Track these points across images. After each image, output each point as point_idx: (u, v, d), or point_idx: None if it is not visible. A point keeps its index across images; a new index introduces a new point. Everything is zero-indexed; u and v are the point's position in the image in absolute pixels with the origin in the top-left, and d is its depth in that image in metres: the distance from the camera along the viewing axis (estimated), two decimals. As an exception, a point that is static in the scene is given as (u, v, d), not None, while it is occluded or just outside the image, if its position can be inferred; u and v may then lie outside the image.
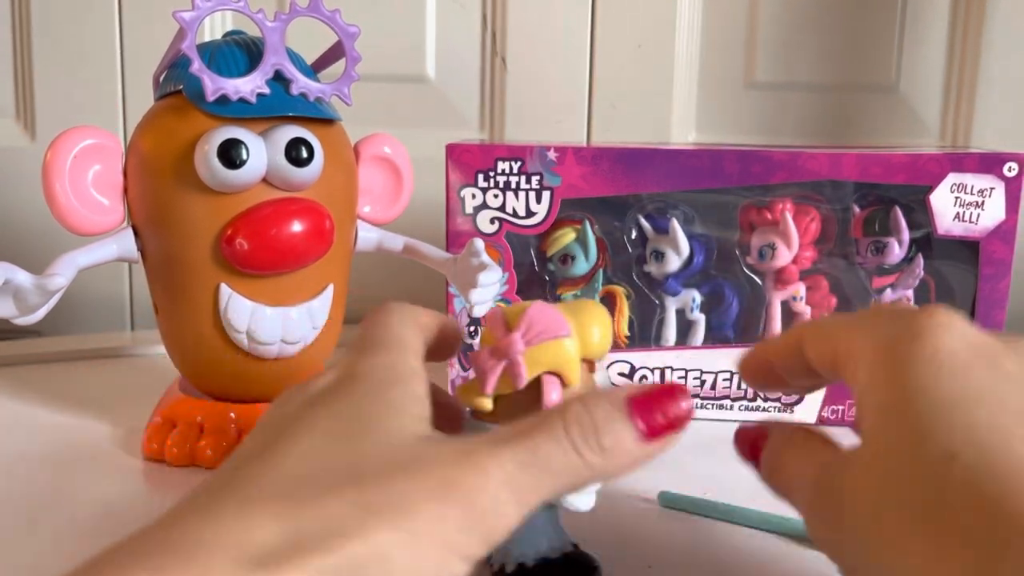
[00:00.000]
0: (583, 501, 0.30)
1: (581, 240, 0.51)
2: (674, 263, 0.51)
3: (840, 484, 0.26)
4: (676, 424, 0.26)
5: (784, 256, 0.51)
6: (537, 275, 0.52)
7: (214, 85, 0.39)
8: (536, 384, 0.29)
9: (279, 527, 0.21)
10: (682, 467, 0.45)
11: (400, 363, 0.27)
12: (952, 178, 0.49)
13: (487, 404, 0.30)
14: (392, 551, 0.22)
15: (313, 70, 0.44)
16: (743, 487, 0.42)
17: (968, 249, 0.50)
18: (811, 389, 0.33)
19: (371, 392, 0.26)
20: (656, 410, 0.25)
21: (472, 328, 0.52)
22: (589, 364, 0.31)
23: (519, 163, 0.50)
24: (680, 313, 0.52)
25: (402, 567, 0.22)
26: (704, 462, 0.46)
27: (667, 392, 0.26)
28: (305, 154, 0.40)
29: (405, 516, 0.22)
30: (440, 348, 0.31)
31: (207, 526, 0.22)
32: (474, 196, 0.50)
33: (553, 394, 0.29)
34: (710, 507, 0.39)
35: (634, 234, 0.52)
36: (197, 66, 0.38)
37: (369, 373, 0.27)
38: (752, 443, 0.30)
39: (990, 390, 0.25)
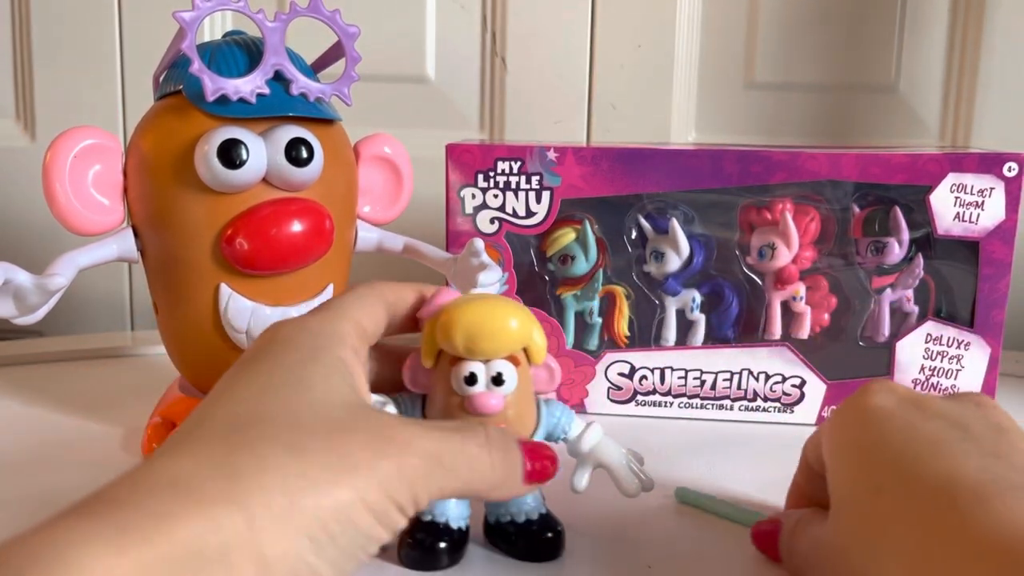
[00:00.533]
0: (582, 484, 0.35)
1: (581, 240, 0.51)
2: (674, 263, 0.51)
3: (819, 546, 0.30)
4: (549, 476, 0.30)
5: (784, 256, 0.51)
6: (537, 275, 0.52)
7: (214, 85, 0.39)
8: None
9: (215, 469, 0.23)
10: (682, 467, 0.45)
11: (328, 329, 0.29)
12: (952, 178, 0.49)
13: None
14: (328, 494, 0.24)
15: (313, 70, 0.44)
16: (744, 487, 0.43)
17: (968, 249, 0.50)
18: None
19: (301, 357, 0.28)
20: (538, 458, 0.30)
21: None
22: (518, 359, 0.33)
23: (519, 163, 0.50)
24: (680, 313, 0.52)
25: (336, 509, 0.24)
26: (704, 462, 0.46)
27: (545, 448, 0.30)
28: (305, 154, 0.40)
29: (342, 462, 0.24)
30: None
31: (153, 474, 0.24)
32: (474, 196, 0.50)
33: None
34: (726, 507, 0.39)
35: (634, 234, 0.52)
36: (197, 66, 0.38)
37: (296, 337, 0.29)
38: (769, 538, 0.34)
39: (912, 427, 0.28)
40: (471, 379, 0.31)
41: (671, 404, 0.52)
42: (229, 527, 0.22)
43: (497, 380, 0.32)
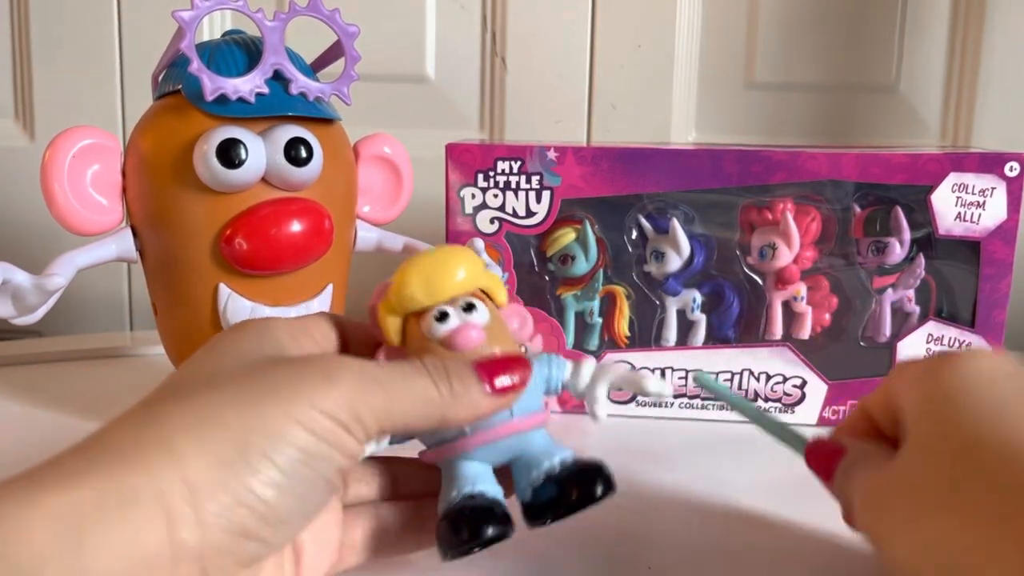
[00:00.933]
0: (602, 408, 0.32)
1: (581, 240, 0.51)
2: (674, 263, 0.51)
3: (882, 482, 0.28)
4: (517, 386, 0.29)
5: (785, 256, 0.51)
6: (537, 275, 0.52)
7: (213, 84, 0.39)
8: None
9: (132, 421, 0.24)
10: (682, 467, 0.45)
11: (263, 319, 0.29)
12: (953, 178, 0.48)
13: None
14: (254, 414, 0.23)
15: (312, 70, 0.44)
16: (744, 488, 0.42)
17: (969, 249, 0.50)
18: None
19: (232, 334, 0.28)
20: (500, 372, 0.28)
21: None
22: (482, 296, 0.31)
23: (519, 163, 0.50)
24: (681, 313, 0.52)
25: (265, 429, 0.23)
26: (705, 462, 0.46)
27: (511, 359, 0.29)
28: (304, 154, 0.40)
29: (264, 386, 0.24)
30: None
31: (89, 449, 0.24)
32: (474, 196, 0.50)
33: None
34: (740, 400, 0.39)
35: (634, 234, 0.52)
36: (196, 66, 0.38)
37: (230, 331, 0.29)
38: (827, 460, 0.32)
39: (1016, 397, 0.27)
40: (442, 317, 0.30)
41: (671, 404, 0.52)
42: (153, 466, 0.22)
43: (468, 309, 0.30)
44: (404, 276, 0.30)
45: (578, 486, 0.30)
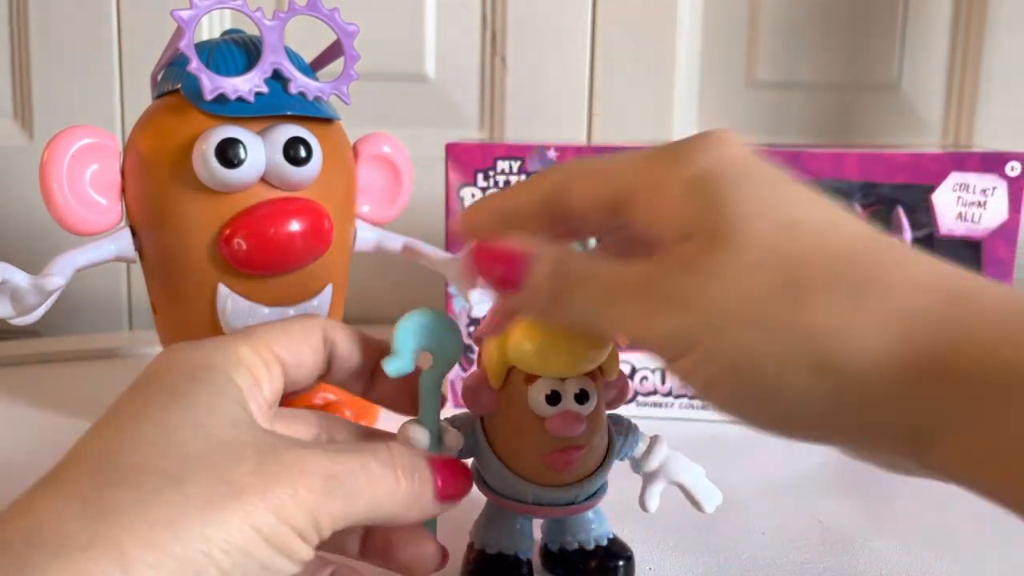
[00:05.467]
0: (653, 504, 0.32)
1: (581, 240, 0.51)
2: (675, 263, 0.51)
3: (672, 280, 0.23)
4: (461, 493, 0.27)
5: (785, 256, 0.50)
6: (537, 275, 0.52)
7: (212, 84, 0.39)
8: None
9: (83, 506, 0.21)
10: (683, 468, 0.45)
11: (223, 348, 0.27)
12: (954, 177, 0.48)
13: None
14: (215, 523, 0.21)
15: (312, 69, 0.43)
16: (744, 488, 0.42)
17: (970, 249, 0.49)
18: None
19: (184, 376, 0.25)
20: (450, 474, 0.27)
21: (472, 329, 0.52)
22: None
23: (519, 163, 0.50)
24: (681, 313, 0.52)
25: (226, 540, 0.21)
26: (703, 463, 0.46)
27: (456, 463, 0.28)
28: (303, 153, 0.40)
29: (228, 488, 0.22)
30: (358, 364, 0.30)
31: (10, 523, 0.21)
32: (474, 196, 0.50)
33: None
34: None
35: (635, 234, 0.52)
36: (195, 65, 0.38)
37: (184, 358, 0.26)
38: (506, 264, 0.26)
39: (791, 182, 0.24)
40: (553, 398, 0.29)
41: (672, 405, 0.52)
42: (98, 574, 0.20)
43: (580, 398, 0.29)
44: (526, 340, 0.29)
45: (598, 570, 0.32)
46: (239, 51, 0.41)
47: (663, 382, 0.52)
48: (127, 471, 0.22)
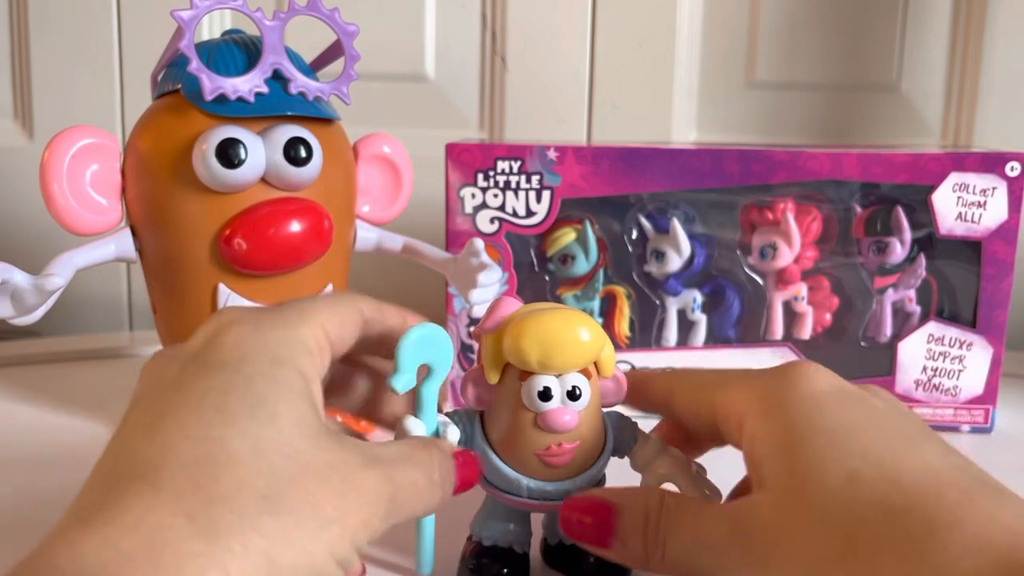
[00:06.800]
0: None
1: (581, 240, 0.51)
2: (675, 263, 0.51)
3: (753, 530, 0.26)
4: (474, 484, 0.30)
5: (786, 256, 0.51)
6: (537, 275, 0.52)
7: (212, 84, 0.39)
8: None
9: (192, 526, 0.22)
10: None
11: (290, 336, 0.27)
12: (954, 178, 0.48)
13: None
14: (306, 552, 0.23)
15: (312, 69, 0.43)
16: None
17: (970, 249, 0.49)
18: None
19: (260, 371, 0.25)
20: (469, 469, 0.29)
21: (472, 329, 0.52)
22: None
23: (519, 163, 0.50)
24: (681, 313, 0.52)
25: (311, 566, 0.23)
26: (703, 463, 0.46)
27: (471, 456, 0.30)
28: (304, 153, 0.40)
29: (316, 518, 0.24)
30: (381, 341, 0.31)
31: (126, 535, 0.21)
32: (474, 196, 0.50)
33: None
34: None
35: (635, 234, 0.52)
36: (195, 65, 0.38)
37: (250, 344, 0.26)
38: (598, 520, 0.30)
39: (868, 421, 0.27)
40: (545, 394, 0.30)
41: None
42: None
43: (572, 395, 0.30)
44: (520, 339, 0.30)
45: (599, 564, 0.33)
46: (239, 51, 0.41)
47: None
48: (227, 488, 0.23)
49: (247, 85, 0.39)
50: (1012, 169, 0.48)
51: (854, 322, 0.52)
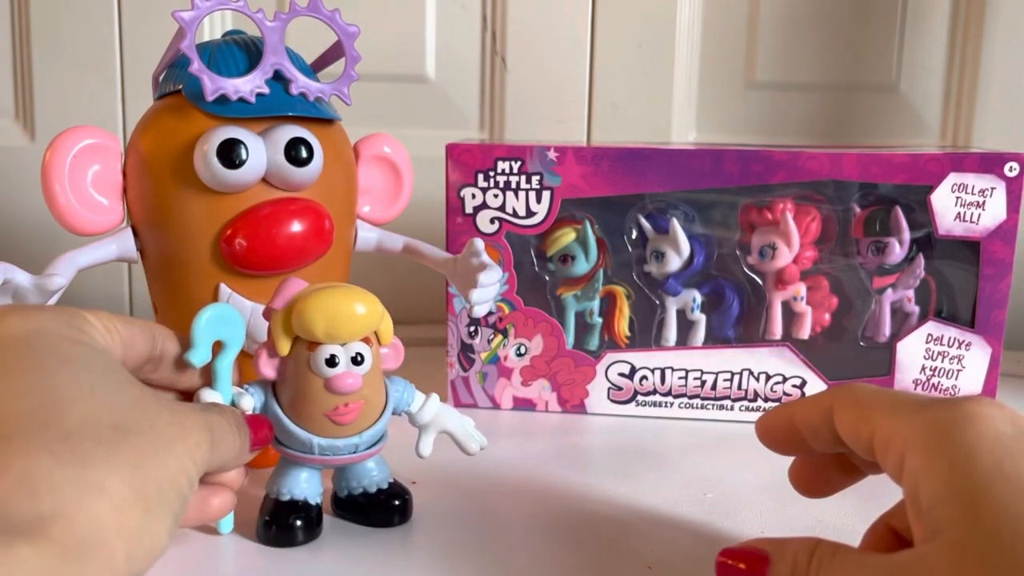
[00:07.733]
0: (426, 450, 0.39)
1: (581, 240, 0.51)
2: (674, 263, 0.51)
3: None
4: (267, 441, 0.34)
5: (785, 256, 0.51)
6: (537, 275, 0.52)
7: (213, 85, 0.39)
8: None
9: (56, 459, 0.24)
10: (683, 468, 0.45)
11: (75, 315, 0.30)
12: (953, 178, 0.48)
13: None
14: (165, 464, 0.27)
15: (313, 70, 0.44)
16: (744, 488, 0.43)
17: (969, 249, 0.50)
18: (835, 452, 0.32)
19: (60, 336, 0.28)
20: (259, 427, 0.34)
21: (472, 329, 0.52)
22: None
23: (519, 163, 0.50)
24: (681, 313, 0.52)
25: (170, 478, 0.27)
26: (704, 463, 0.46)
27: (261, 418, 0.34)
28: (305, 154, 0.40)
29: (164, 439, 0.27)
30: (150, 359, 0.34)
31: None
32: (474, 196, 0.50)
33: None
34: None
35: (634, 234, 0.52)
36: (196, 66, 0.38)
37: (41, 322, 0.28)
38: (751, 568, 0.29)
39: None
40: (332, 361, 0.34)
41: (671, 404, 0.52)
42: (96, 511, 0.23)
43: (356, 360, 0.34)
44: (308, 313, 0.33)
45: (380, 510, 0.38)
46: (240, 52, 0.41)
47: (662, 382, 0.52)
48: (76, 423, 0.25)
49: (248, 86, 0.39)
50: (1011, 169, 0.48)
51: (853, 322, 0.52)
